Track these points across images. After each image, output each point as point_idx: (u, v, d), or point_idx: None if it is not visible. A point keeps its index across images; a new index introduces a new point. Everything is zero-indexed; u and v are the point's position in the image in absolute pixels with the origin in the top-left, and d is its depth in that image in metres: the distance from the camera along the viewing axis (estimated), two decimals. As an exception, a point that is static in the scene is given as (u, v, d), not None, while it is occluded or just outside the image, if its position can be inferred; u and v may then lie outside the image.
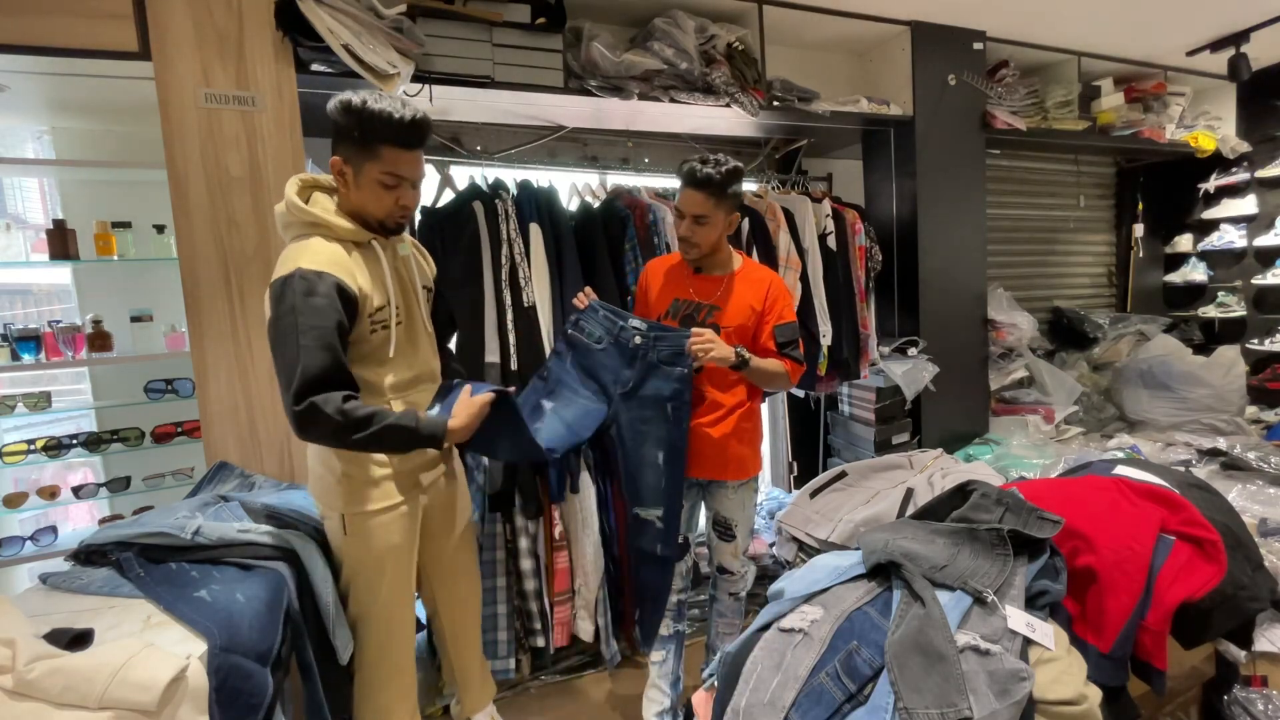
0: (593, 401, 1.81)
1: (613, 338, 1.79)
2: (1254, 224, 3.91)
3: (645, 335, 1.76)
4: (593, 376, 1.83)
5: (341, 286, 1.32)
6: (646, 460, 1.80)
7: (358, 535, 1.48)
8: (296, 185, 1.42)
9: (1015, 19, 2.95)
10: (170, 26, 1.71)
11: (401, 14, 1.90)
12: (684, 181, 1.73)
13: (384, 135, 1.35)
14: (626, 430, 1.81)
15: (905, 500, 2.11)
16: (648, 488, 1.81)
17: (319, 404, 1.25)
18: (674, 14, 2.37)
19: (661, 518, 1.81)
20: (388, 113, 1.34)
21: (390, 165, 1.37)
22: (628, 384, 1.79)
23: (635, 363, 1.78)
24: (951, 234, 3.00)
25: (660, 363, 1.76)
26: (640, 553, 1.88)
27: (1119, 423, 3.56)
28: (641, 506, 1.83)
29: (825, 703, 1.07)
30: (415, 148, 1.40)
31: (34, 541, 1.91)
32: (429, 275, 1.65)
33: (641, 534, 1.85)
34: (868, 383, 2.86)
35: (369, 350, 1.42)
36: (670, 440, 1.77)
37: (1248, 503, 2.26)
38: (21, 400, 1.93)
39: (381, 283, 1.43)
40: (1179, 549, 1.45)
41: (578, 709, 2.17)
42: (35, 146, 2.16)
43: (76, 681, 0.98)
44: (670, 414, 1.76)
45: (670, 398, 1.75)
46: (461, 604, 1.78)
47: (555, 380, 1.83)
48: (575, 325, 1.84)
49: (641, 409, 1.79)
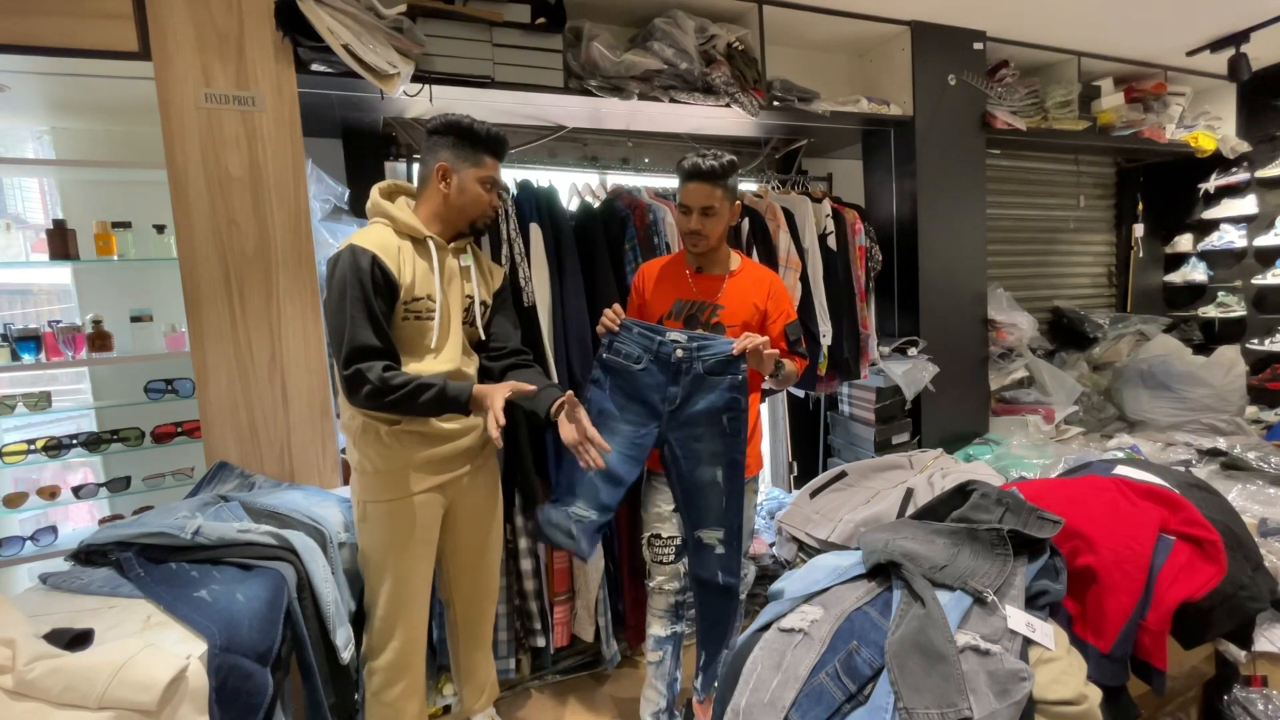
0: (641, 425, 1.73)
1: (652, 355, 1.71)
2: (1254, 224, 3.91)
3: (687, 347, 1.69)
4: (637, 400, 1.74)
5: (379, 262, 1.48)
6: (703, 480, 1.72)
7: (370, 521, 1.59)
8: (385, 187, 1.65)
9: (1015, 19, 2.94)
10: (170, 26, 1.71)
11: (401, 14, 1.90)
12: (688, 176, 1.73)
13: (487, 147, 1.61)
14: (680, 450, 1.73)
15: (905, 500, 2.11)
16: (709, 509, 1.73)
17: (364, 370, 1.43)
18: (674, 14, 2.37)
19: (723, 540, 1.73)
20: (490, 130, 1.61)
21: (490, 171, 1.62)
22: (675, 400, 1.71)
23: (680, 378, 1.70)
24: (951, 234, 3.00)
25: (708, 373, 1.68)
26: (699, 582, 1.79)
27: (1119, 423, 3.56)
28: (703, 529, 1.74)
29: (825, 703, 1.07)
30: (503, 158, 1.66)
31: (34, 541, 1.91)
32: (489, 288, 1.74)
33: (701, 560, 1.76)
34: (868, 383, 2.86)
35: (400, 336, 1.56)
36: (729, 455, 1.70)
37: (1248, 503, 2.26)
38: (21, 400, 1.93)
39: (426, 276, 1.57)
40: (1179, 549, 1.45)
41: (578, 709, 2.17)
42: (35, 146, 2.16)
43: (76, 681, 0.98)
44: (727, 426, 1.69)
45: (725, 408, 1.68)
46: (476, 600, 1.82)
47: (596, 411, 1.74)
48: (610, 349, 1.75)
49: (693, 426, 1.71)
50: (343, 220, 2.17)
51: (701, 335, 1.70)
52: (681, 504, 1.77)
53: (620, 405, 1.75)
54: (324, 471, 1.92)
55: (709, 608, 1.80)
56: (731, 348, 1.64)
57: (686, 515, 1.77)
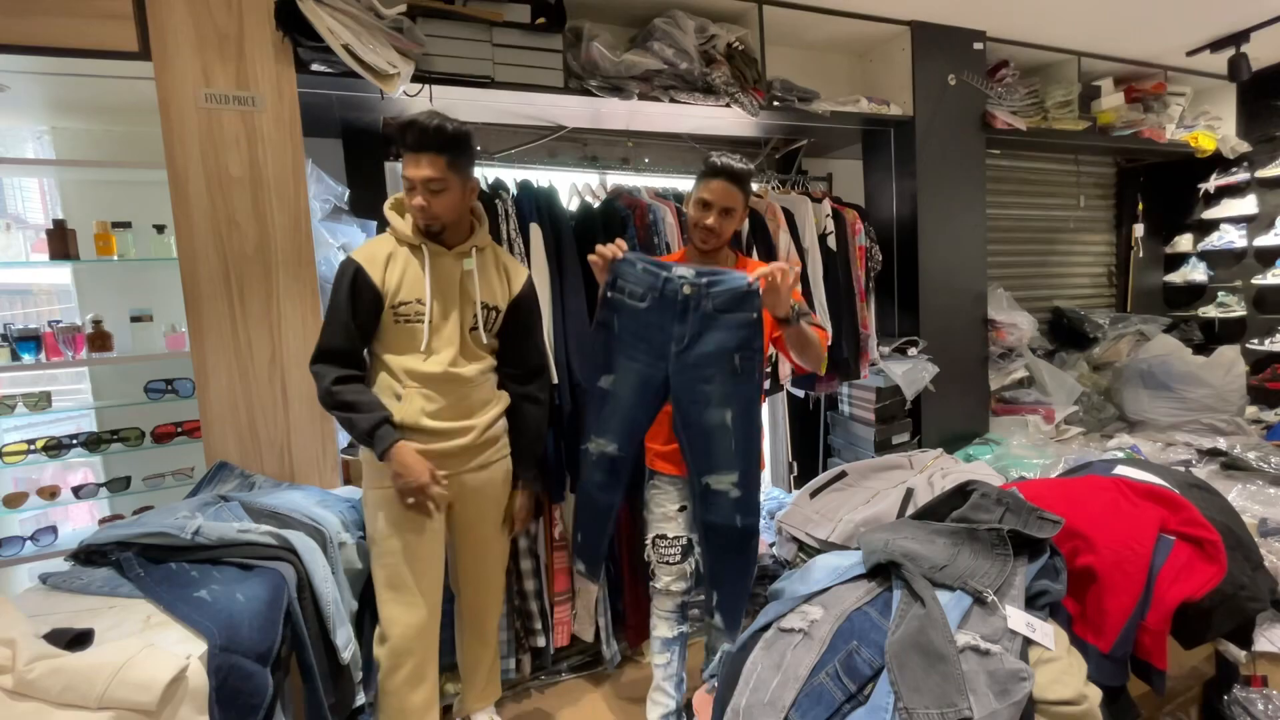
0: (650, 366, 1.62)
1: (657, 292, 1.59)
2: (1254, 224, 3.91)
3: (695, 283, 1.56)
4: (643, 339, 1.62)
5: (359, 273, 1.56)
6: (711, 423, 1.60)
7: (368, 507, 1.65)
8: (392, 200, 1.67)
9: (1015, 19, 2.94)
10: (170, 26, 1.71)
11: (401, 14, 1.90)
12: (716, 173, 1.71)
13: (402, 142, 1.54)
14: (684, 395, 1.61)
15: (905, 500, 2.11)
16: (717, 453, 1.61)
17: (318, 373, 1.56)
18: (674, 14, 2.37)
19: (737, 483, 1.61)
20: (408, 120, 1.51)
21: (408, 168, 1.54)
22: (683, 340, 1.58)
23: (688, 316, 1.58)
24: (951, 234, 3.00)
25: (718, 311, 1.56)
26: (713, 530, 1.66)
27: (1119, 423, 3.56)
28: (712, 474, 1.62)
29: (825, 702, 1.07)
30: (426, 149, 1.51)
31: (34, 541, 1.91)
32: (493, 295, 1.70)
33: (714, 507, 1.64)
34: (868, 383, 2.86)
35: (393, 338, 1.62)
36: (742, 395, 1.57)
37: (1248, 503, 2.27)
38: (21, 400, 1.93)
39: (417, 281, 1.60)
40: (1179, 549, 1.45)
41: (578, 709, 2.17)
42: (35, 146, 2.16)
43: (76, 681, 0.98)
44: (739, 366, 1.57)
45: (738, 348, 1.56)
46: (480, 595, 1.83)
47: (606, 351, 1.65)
48: (614, 285, 1.62)
49: (700, 367, 1.58)
50: (343, 220, 2.17)
51: (711, 270, 1.58)
52: (687, 449, 1.65)
53: (629, 343, 1.63)
54: (324, 471, 1.92)
55: (726, 551, 1.67)
56: (745, 282, 1.53)
57: (693, 461, 1.65)
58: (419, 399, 1.60)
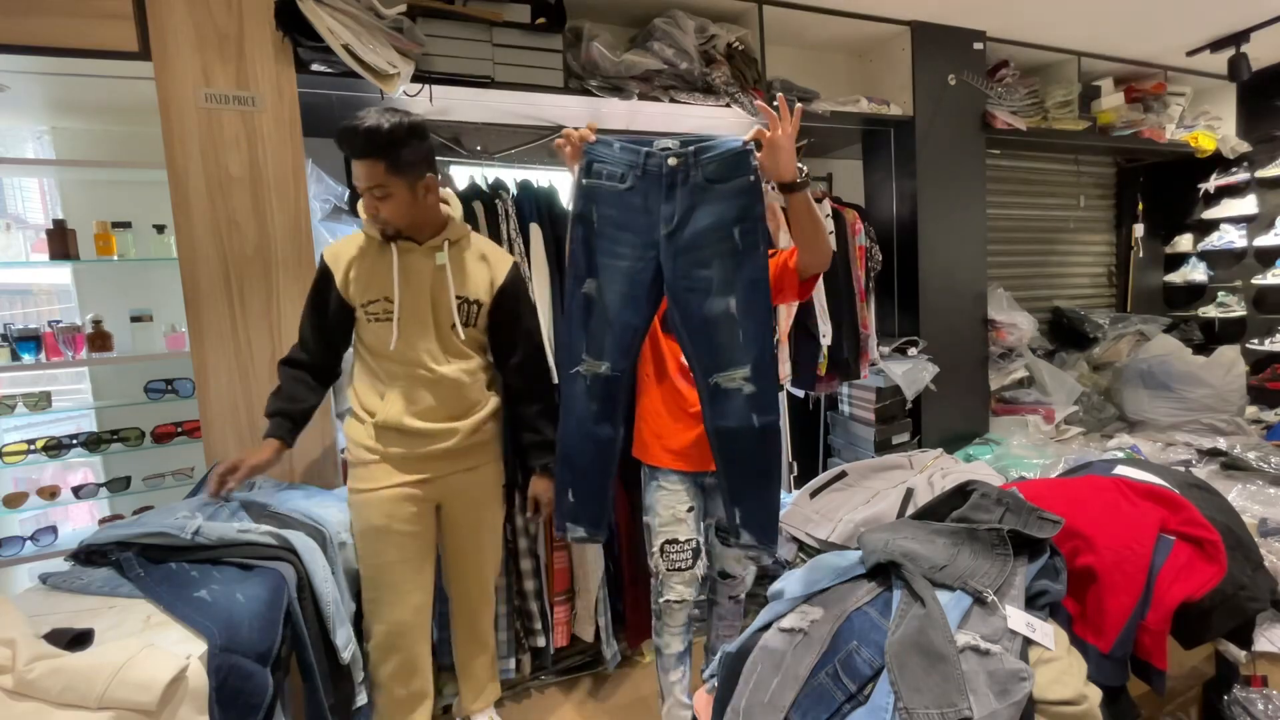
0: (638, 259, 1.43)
1: (639, 170, 1.41)
2: (1254, 224, 3.91)
3: (681, 154, 1.39)
4: (628, 229, 1.43)
5: (324, 270, 1.62)
6: (713, 313, 1.41)
7: (352, 509, 1.67)
8: None
9: (1015, 19, 2.94)
10: (170, 26, 1.71)
11: (401, 14, 1.90)
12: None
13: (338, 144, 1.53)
14: (679, 284, 1.42)
15: (905, 500, 2.11)
16: (724, 347, 1.42)
17: (281, 361, 1.67)
18: (674, 14, 2.37)
19: (750, 377, 1.42)
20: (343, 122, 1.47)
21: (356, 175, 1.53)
22: (672, 221, 1.40)
23: (676, 191, 1.40)
24: (951, 234, 3.00)
25: (710, 181, 1.39)
26: (727, 436, 1.45)
27: (1119, 423, 3.56)
28: (720, 372, 1.43)
29: (825, 703, 1.07)
30: (360, 154, 1.48)
31: (34, 541, 1.91)
32: (472, 288, 1.65)
33: (726, 410, 1.44)
34: (868, 383, 2.86)
35: (369, 336, 1.63)
36: (745, 277, 1.39)
37: (1248, 503, 2.26)
38: (21, 400, 1.93)
39: (384, 278, 1.58)
40: (1179, 549, 1.45)
41: (578, 709, 2.17)
42: (35, 146, 2.16)
43: (76, 681, 0.98)
44: (740, 241, 1.38)
45: (737, 219, 1.38)
46: (471, 598, 1.83)
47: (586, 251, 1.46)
48: (588, 171, 1.45)
49: (696, 249, 1.40)
50: (343, 220, 2.17)
51: (698, 137, 1.41)
52: (689, 348, 1.47)
53: (611, 236, 1.45)
54: (324, 471, 1.92)
55: (744, 458, 1.47)
56: (739, 142, 1.37)
57: (697, 360, 1.46)
58: (400, 399, 1.60)
